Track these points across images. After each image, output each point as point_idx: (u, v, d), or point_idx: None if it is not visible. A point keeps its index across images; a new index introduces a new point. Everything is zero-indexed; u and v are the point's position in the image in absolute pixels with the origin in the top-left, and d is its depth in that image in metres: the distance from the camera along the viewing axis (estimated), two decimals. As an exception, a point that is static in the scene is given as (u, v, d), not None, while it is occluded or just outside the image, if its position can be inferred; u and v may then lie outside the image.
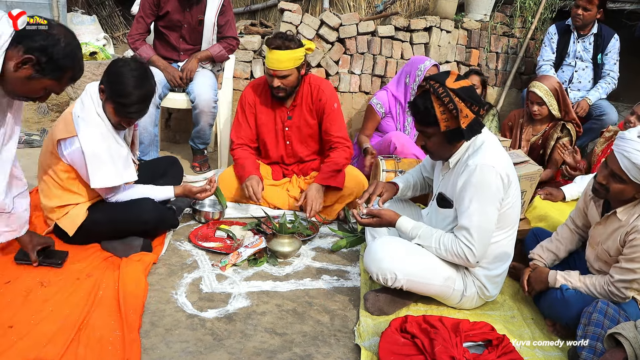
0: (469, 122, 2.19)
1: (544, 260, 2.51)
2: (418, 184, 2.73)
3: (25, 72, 1.87)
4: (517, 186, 2.30)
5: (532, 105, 3.66)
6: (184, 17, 3.75)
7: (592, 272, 2.38)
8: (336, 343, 2.17)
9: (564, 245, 2.53)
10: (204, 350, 2.04)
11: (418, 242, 2.34)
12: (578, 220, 2.52)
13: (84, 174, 2.52)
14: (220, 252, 2.77)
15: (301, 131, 3.39)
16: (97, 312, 2.16)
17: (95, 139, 2.47)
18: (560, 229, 2.58)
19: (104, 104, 2.51)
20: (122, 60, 2.53)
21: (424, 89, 2.24)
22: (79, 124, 2.47)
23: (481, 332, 2.11)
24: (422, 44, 4.90)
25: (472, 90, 2.21)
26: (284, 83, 3.15)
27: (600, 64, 4.36)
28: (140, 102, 2.49)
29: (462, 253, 2.24)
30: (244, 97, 3.37)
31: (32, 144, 4.13)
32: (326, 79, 4.16)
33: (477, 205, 2.19)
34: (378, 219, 2.44)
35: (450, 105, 2.16)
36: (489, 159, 2.19)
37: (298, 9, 4.62)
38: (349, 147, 3.34)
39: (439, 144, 2.28)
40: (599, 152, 3.52)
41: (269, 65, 3.12)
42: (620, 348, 1.87)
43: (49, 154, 2.54)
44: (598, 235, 2.32)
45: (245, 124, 3.37)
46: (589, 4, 4.20)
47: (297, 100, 3.33)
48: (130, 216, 2.61)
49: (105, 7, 7.62)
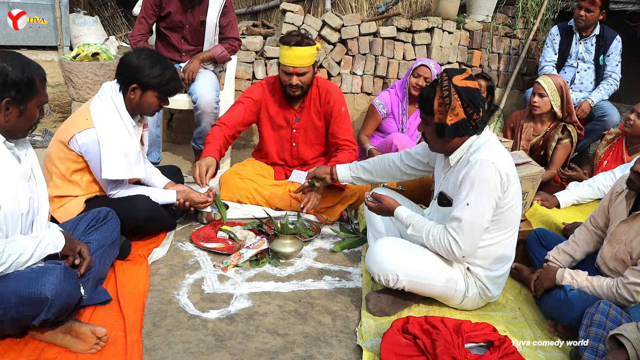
0: (456, 121, 2.20)
1: (559, 262, 2.49)
2: (379, 170, 2.77)
3: (14, 112, 1.84)
4: (517, 187, 2.30)
5: (533, 96, 3.65)
6: (185, 18, 3.76)
7: (604, 271, 2.37)
8: (338, 344, 2.17)
9: (580, 247, 2.51)
10: (205, 351, 2.04)
11: (411, 231, 2.36)
12: (600, 219, 2.49)
13: (95, 165, 2.56)
14: (222, 253, 2.77)
15: (308, 133, 3.40)
16: (98, 312, 2.17)
17: (113, 131, 2.54)
18: (578, 231, 2.56)
19: (142, 99, 2.58)
20: (135, 54, 2.59)
21: (436, 79, 2.27)
22: (97, 117, 2.53)
23: (483, 333, 2.11)
24: (424, 45, 4.91)
25: (475, 92, 2.21)
26: (302, 80, 3.16)
27: (602, 65, 4.36)
28: (175, 75, 2.63)
29: (447, 244, 2.24)
30: (250, 91, 3.36)
31: (34, 145, 4.14)
32: (333, 82, 4.16)
33: (472, 199, 2.18)
34: (379, 204, 2.51)
35: (447, 100, 2.18)
36: (491, 155, 2.20)
37: (300, 10, 4.63)
38: (354, 150, 3.36)
39: (432, 134, 2.30)
40: (601, 154, 3.52)
41: (288, 63, 3.12)
42: (622, 349, 1.86)
43: (58, 143, 2.57)
44: (622, 233, 2.29)
45: (238, 112, 3.31)
46: (592, 5, 4.20)
47: (305, 102, 3.33)
48: (124, 211, 2.59)
49: (108, 8, 7.65)
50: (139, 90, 2.56)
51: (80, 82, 3.93)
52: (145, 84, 2.55)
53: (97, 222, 2.34)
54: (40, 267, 1.88)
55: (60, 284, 1.82)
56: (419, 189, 3.33)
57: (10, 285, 1.80)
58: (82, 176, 2.62)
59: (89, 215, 2.36)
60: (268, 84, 3.38)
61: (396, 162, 2.73)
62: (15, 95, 1.82)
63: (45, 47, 6.89)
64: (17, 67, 1.83)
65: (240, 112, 3.33)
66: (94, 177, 2.64)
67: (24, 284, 1.80)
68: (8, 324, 1.86)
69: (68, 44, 6.93)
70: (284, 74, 3.19)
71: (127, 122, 2.60)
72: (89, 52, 4.10)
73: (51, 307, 1.81)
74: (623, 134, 3.44)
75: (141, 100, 2.59)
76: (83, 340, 1.94)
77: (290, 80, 3.15)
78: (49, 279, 1.81)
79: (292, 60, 3.10)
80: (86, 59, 4.07)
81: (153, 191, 2.79)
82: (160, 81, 2.56)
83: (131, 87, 2.55)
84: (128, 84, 2.55)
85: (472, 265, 2.35)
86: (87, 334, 1.94)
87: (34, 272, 1.84)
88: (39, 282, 1.80)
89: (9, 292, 1.79)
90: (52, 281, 1.81)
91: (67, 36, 6.88)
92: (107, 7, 7.54)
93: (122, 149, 2.56)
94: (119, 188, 2.68)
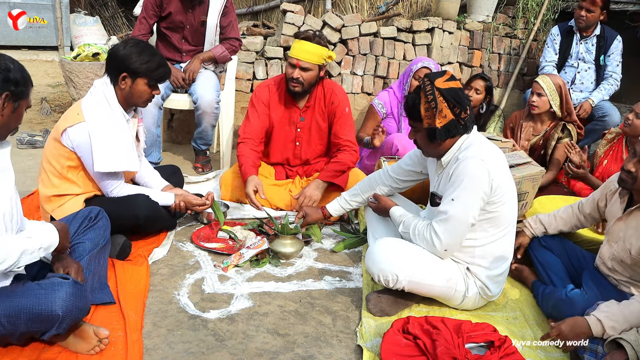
0: (445, 122, 2.22)
1: (532, 230, 2.67)
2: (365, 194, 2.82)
3: (9, 107, 1.84)
4: (509, 184, 2.30)
5: (531, 95, 3.66)
6: (186, 18, 3.76)
7: (603, 270, 2.37)
8: (338, 344, 2.17)
9: (557, 223, 2.65)
10: (206, 351, 2.04)
11: (401, 228, 2.42)
12: (587, 207, 2.56)
13: (88, 160, 2.55)
14: (223, 253, 2.78)
15: (312, 133, 3.40)
16: (98, 312, 2.17)
17: (104, 124, 2.53)
18: (563, 209, 2.66)
19: (132, 88, 2.57)
20: (121, 44, 2.59)
21: (419, 85, 2.29)
22: (87, 111, 2.53)
23: (483, 333, 2.11)
24: (424, 45, 4.91)
25: (458, 92, 2.23)
26: (304, 76, 3.16)
27: (602, 66, 4.36)
28: (164, 62, 2.63)
29: (429, 237, 2.27)
30: (257, 95, 3.36)
31: (35, 145, 4.14)
32: (339, 84, 4.16)
33: (457, 194, 2.20)
34: (377, 203, 2.64)
35: (433, 104, 2.21)
36: (478, 152, 2.22)
37: (300, 10, 4.63)
38: (356, 152, 3.36)
39: (424, 140, 2.32)
40: (601, 154, 3.52)
41: (293, 54, 3.14)
42: (621, 350, 1.87)
43: (53, 141, 2.58)
44: (619, 230, 2.30)
45: (255, 120, 3.33)
46: (593, 6, 4.20)
47: (310, 102, 3.34)
48: (123, 210, 2.60)
49: (108, 8, 7.65)
50: (129, 79, 2.55)
51: (80, 82, 3.93)
52: (134, 70, 2.54)
53: (89, 222, 2.33)
54: (48, 282, 1.85)
55: (71, 300, 1.80)
56: (420, 190, 3.33)
57: (19, 301, 1.78)
58: (78, 174, 2.61)
59: (80, 215, 2.34)
60: (275, 83, 3.38)
61: (385, 181, 2.76)
62: (14, 91, 1.83)
63: (45, 47, 6.89)
64: (16, 66, 1.86)
65: (258, 122, 3.33)
66: (90, 176, 2.64)
67: (33, 300, 1.77)
68: (16, 337, 1.86)
69: (69, 44, 6.94)
70: (288, 65, 3.21)
71: (118, 114, 2.59)
72: (90, 52, 4.10)
73: (62, 324, 1.81)
74: (623, 134, 3.44)
75: (132, 89, 2.58)
76: (85, 340, 1.94)
77: (293, 73, 3.16)
78: (59, 295, 1.79)
79: (298, 52, 3.12)
80: (87, 59, 4.07)
81: (151, 192, 2.78)
82: (149, 67, 2.55)
83: (121, 76, 2.54)
84: (117, 73, 2.55)
85: (472, 265, 2.35)
86: (90, 335, 1.94)
87: (42, 288, 1.81)
88: (49, 299, 1.77)
89: (18, 308, 1.77)
90: (62, 297, 1.78)
91: (67, 36, 6.88)
92: (107, 7, 7.54)
93: (114, 140, 2.55)
94: (116, 185, 2.66)
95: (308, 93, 3.30)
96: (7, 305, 1.78)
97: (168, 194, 2.84)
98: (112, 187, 2.66)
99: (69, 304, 1.80)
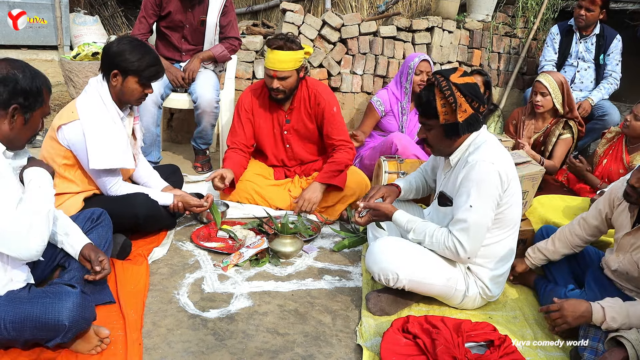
0: (467, 117, 2.21)
1: (531, 259, 2.56)
2: (420, 187, 2.74)
3: (19, 120, 1.84)
4: (517, 186, 2.30)
5: (535, 95, 3.66)
6: (186, 18, 3.76)
7: (607, 274, 2.35)
8: (338, 343, 2.17)
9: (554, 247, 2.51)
10: (205, 351, 2.04)
11: (412, 235, 2.36)
12: (592, 219, 2.42)
13: (83, 158, 2.55)
14: (222, 253, 2.78)
15: (300, 134, 3.40)
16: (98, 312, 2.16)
17: (98, 121, 2.53)
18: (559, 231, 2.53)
19: (124, 86, 2.56)
20: (115, 41, 2.59)
21: (430, 82, 2.26)
22: (82, 109, 2.53)
23: (483, 332, 2.11)
24: (424, 44, 4.90)
25: (475, 87, 2.22)
26: (283, 85, 3.15)
27: (602, 65, 4.36)
28: (156, 61, 2.61)
29: (452, 246, 2.25)
30: (240, 102, 3.38)
31: (35, 144, 4.14)
32: (324, 83, 4.15)
33: (474, 201, 2.19)
34: (376, 212, 2.48)
35: (451, 99, 2.18)
36: (489, 156, 2.21)
37: (300, 10, 4.63)
38: (351, 149, 3.35)
39: (438, 137, 2.30)
40: (601, 153, 3.52)
41: (269, 66, 3.11)
42: (620, 347, 1.87)
43: (49, 139, 2.58)
44: (627, 245, 2.24)
45: (240, 130, 3.36)
46: (592, 5, 4.20)
47: (294, 104, 3.33)
48: (123, 209, 2.60)
49: (108, 8, 7.64)
50: (120, 77, 2.55)
51: (80, 82, 3.93)
52: (125, 69, 2.53)
53: (92, 223, 2.34)
54: (55, 291, 1.85)
55: (77, 311, 1.80)
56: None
57: (25, 308, 1.77)
58: (75, 172, 2.62)
59: (83, 216, 2.34)
60: (259, 87, 3.38)
61: (427, 180, 2.75)
62: (23, 103, 1.82)
63: (45, 47, 6.88)
64: (27, 75, 1.83)
65: (243, 130, 3.36)
66: (89, 174, 2.64)
67: (40, 308, 1.77)
68: (20, 344, 1.86)
69: (68, 44, 6.92)
70: (266, 76, 3.19)
71: (112, 111, 2.58)
72: (89, 52, 4.10)
73: (67, 333, 1.81)
74: (623, 134, 3.44)
75: (123, 86, 2.57)
76: (86, 340, 1.93)
77: (272, 83, 3.14)
78: (66, 305, 1.78)
79: (273, 63, 3.08)
80: (86, 59, 4.07)
81: (150, 191, 2.78)
82: (139, 65, 2.54)
83: (112, 73, 2.54)
84: (109, 70, 2.55)
85: (474, 264, 2.35)
86: (91, 335, 1.94)
87: (49, 297, 1.81)
88: (56, 309, 1.77)
89: (24, 316, 1.77)
90: (69, 308, 1.78)
91: (67, 36, 6.86)
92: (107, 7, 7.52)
93: (108, 138, 2.54)
94: (114, 182, 2.65)
95: (291, 97, 3.29)
96: (13, 312, 1.78)
97: (167, 194, 2.84)
98: (110, 184, 2.65)
99: (75, 315, 1.80)
